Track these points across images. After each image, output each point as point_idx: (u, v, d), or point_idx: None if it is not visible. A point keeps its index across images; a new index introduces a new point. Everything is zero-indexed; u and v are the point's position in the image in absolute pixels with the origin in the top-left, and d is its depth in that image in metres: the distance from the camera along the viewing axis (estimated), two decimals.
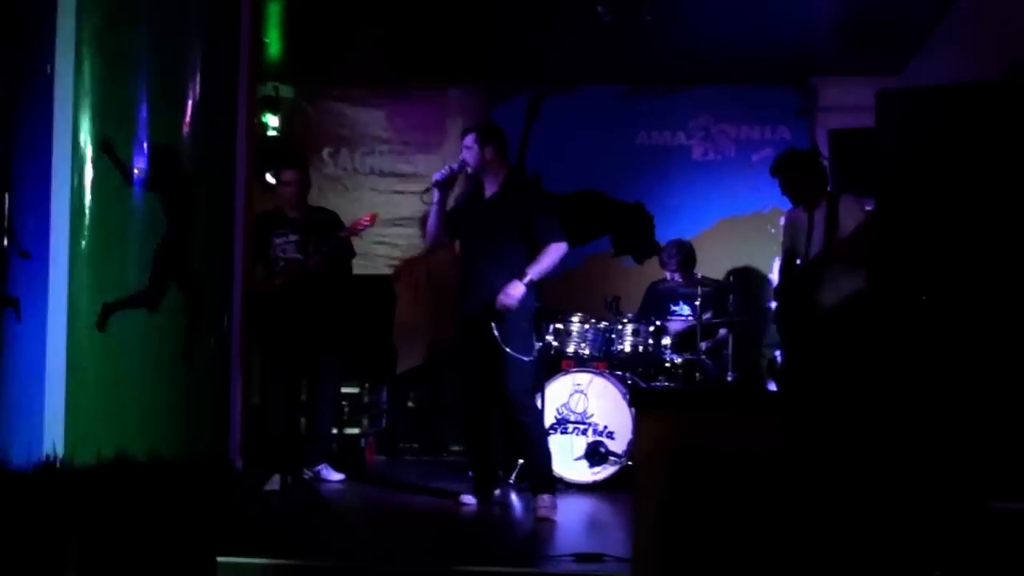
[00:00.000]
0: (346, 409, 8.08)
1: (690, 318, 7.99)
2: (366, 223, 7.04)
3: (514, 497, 6.70)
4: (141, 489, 4.27)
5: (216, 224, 4.62)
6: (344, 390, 7.82)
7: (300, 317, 6.92)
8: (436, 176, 6.23)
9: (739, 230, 9.20)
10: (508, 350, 5.95)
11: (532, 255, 6.07)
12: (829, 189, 6.92)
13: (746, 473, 3.73)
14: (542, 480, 6.09)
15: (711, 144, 9.37)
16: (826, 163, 7.61)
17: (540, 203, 6.20)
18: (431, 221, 6.37)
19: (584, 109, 9.20)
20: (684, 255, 8.31)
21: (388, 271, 9.33)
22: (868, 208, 6.46)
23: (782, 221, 7.83)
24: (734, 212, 9.28)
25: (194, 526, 4.36)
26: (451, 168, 6.21)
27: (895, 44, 8.10)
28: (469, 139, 6.20)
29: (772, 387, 8.63)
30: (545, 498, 5.99)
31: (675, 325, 7.99)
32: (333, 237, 7.00)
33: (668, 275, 8.37)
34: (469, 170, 6.25)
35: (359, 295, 7.74)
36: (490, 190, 6.22)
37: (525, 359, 6.02)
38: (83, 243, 4.39)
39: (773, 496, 3.72)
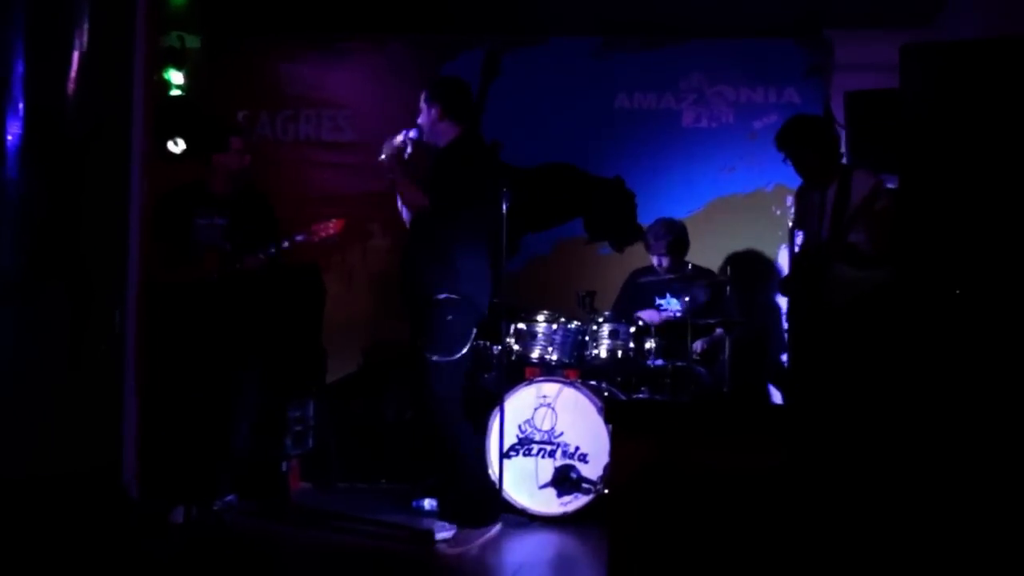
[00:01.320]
0: (265, 427, 8.02)
1: (678, 314, 8.01)
2: (331, 232, 7.03)
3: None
4: (10, 510, 4.23)
5: (108, 202, 4.58)
6: (263, 404, 7.76)
7: (214, 315, 6.88)
8: (390, 142, 6.20)
9: (738, 211, 9.22)
10: (419, 346, 6.03)
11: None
12: (845, 163, 6.94)
13: (743, 505, 3.74)
14: (467, 511, 6.11)
15: (704, 109, 9.38)
16: (841, 131, 7.64)
17: (455, 169, 6.20)
18: (408, 190, 6.29)
19: (552, 65, 9.20)
20: (675, 236, 8.32)
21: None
22: (890, 186, 6.49)
23: (789, 201, 7.87)
24: (732, 190, 9.32)
25: (72, 558, 4.33)
26: (406, 134, 6.19)
27: None
28: (421, 99, 6.22)
29: (777, 398, 8.67)
30: (468, 533, 6.03)
31: (657, 316, 8.01)
32: (284, 240, 6.98)
33: (655, 260, 8.39)
34: (422, 136, 6.23)
35: (282, 289, 7.69)
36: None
37: (436, 359, 6.06)
38: None
39: (775, 532, 3.73)
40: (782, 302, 8.80)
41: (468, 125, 6.31)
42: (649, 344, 7.65)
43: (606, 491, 6.80)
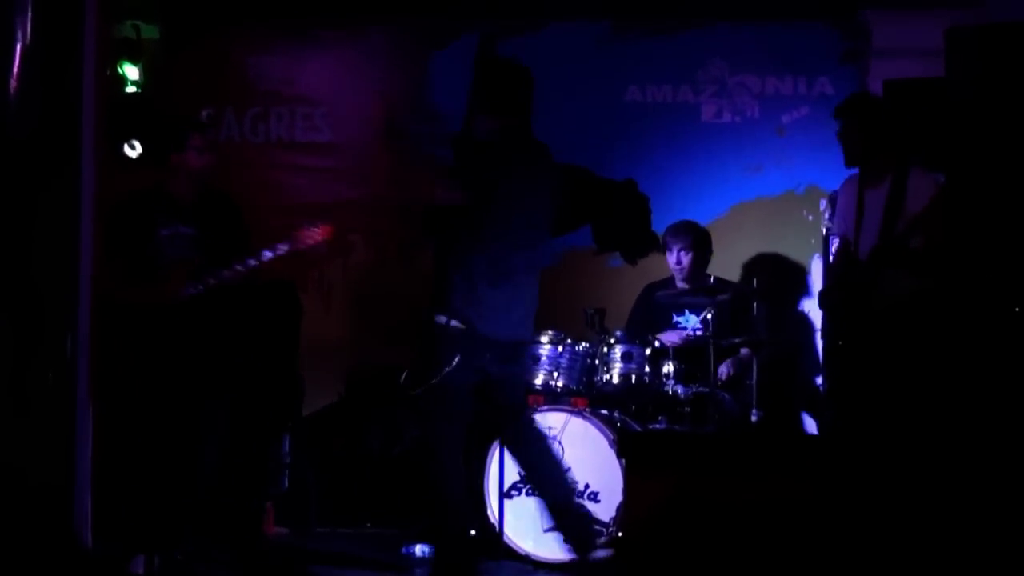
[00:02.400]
0: (236, 465, 8.01)
1: (699, 333, 8.02)
2: (318, 239, 6.97)
3: None
4: None
5: (56, 212, 4.59)
6: (233, 438, 7.75)
7: (179, 339, 6.86)
8: None
9: (765, 217, 9.22)
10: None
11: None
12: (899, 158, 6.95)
13: (772, 548, 3.75)
14: (450, 567, 6.14)
15: (727, 101, 9.39)
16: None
17: None
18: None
19: (554, 54, 9.17)
20: (697, 236, 8.36)
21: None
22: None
23: (823, 204, 7.89)
24: (758, 193, 9.33)
25: None
26: None
27: None
28: None
29: (811, 427, 8.68)
30: None
31: (678, 337, 8.04)
32: (265, 250, 6.91)
33: (672, 260, 8.40)
34: None
35: (253, 309, 7.67)
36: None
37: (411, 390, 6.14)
38: None
39: None
40: (816, 317, 8.80)
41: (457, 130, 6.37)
42: (667, 368, 7.66)
43: (620, 534, 6.78)
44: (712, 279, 8.13)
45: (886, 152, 6.83)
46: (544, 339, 7.46)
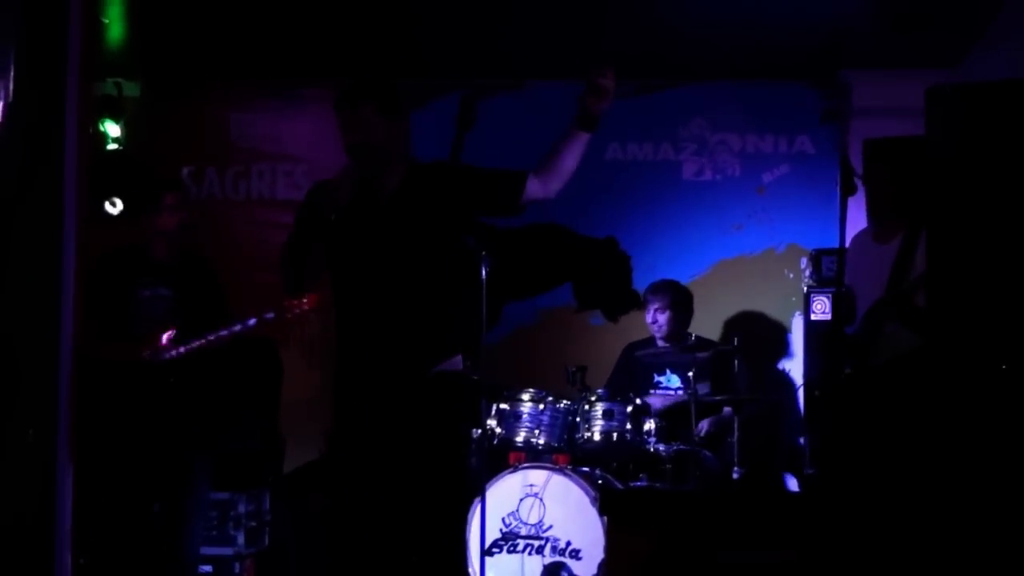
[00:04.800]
0: (215, 523, 7.97)
1: (680, 392, 8.04)
2: (305, 308, 6.95)
3: None
4: None
5: (35, 271, 4.57)
6: (213, 497, 7.71)
7: (159, 398, 6.82)
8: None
9: (746, 274, 9.25)
10: None
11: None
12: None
13: None
14: None
15: (707, 160, 9.42)
16: (860, 183, 7.66)
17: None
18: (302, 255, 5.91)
19: (534, 113, 9.20)
20: (676, 295, 8.39)
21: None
22: None
23: (804, 263, 7.91)
24: (739, 251, 9.37)
25: None
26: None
27: (953, 24, 8.16)
28: (363, 109, 5.95)
29: (793, 486, 8.66)
30: None
31: (660, 401, 8.02)
32: (251, 318, 6.85)
33: (650, 318, 8.41)
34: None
35: (233, 367, 7.64)
36: (391, 185, 5.98)
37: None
38: None
39: None
40: (797, 375, 8.80)
41: None
42: (648, 425, 7.63)
43: None
44: (693, 337, 8.12)
45: (911, 206, 6.77)
46: (525, 397, 7.48)
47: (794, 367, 8.97)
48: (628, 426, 7.53)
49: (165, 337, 6.84)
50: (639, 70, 9.17)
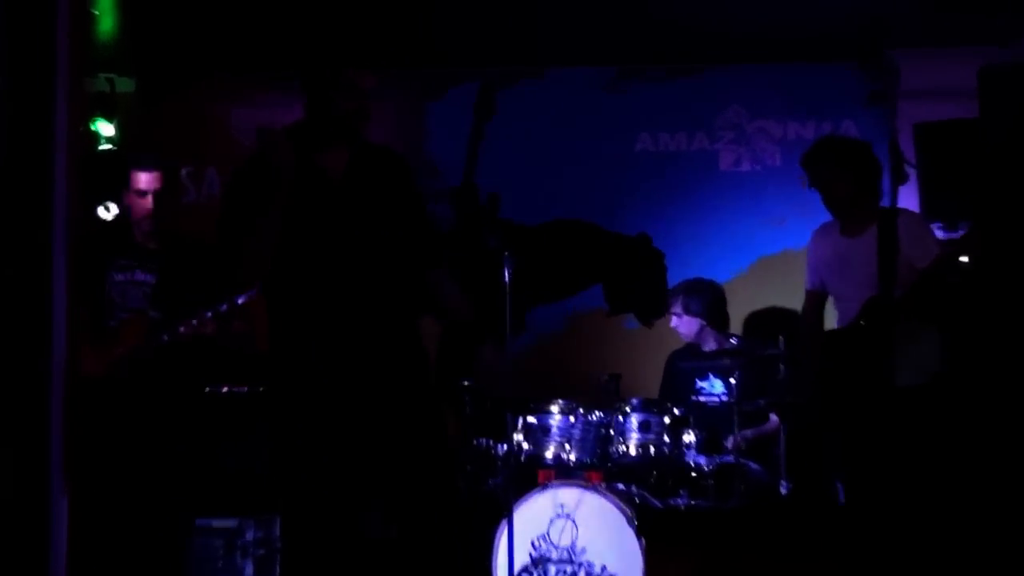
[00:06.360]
0: (220, 553, 7.93)
1: (724, 399, 8.03)
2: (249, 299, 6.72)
3: None
4: None
5: (23, 282, 4.55)
6: (217, 523, 7.67)
7: (146, 421, 6.58)
8: None
9: (789, 271, 9.12)
10: None
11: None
12: (884, 204, 6.97)
13: None
14: None
15: (746, 149, 9.43)
16: (911, 171, 7.64)
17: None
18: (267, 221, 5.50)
19: (559, 102, 9.23)
20: (710, 300, 8.40)
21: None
22: (946, 236, 6.50)
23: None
24: (781, 246, 9.36)
25: None
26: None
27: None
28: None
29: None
30: None
31: (701, 410, 8.03)
32: (239, 295, 6.41)
33: (675, 322, 8.45)
34: None
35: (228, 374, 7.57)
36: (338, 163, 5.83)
37: None
38: None
39: None
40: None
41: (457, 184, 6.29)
42: (687, 437, 7.58)
43: None
44: (735, 339, 8.08)
45: (870, 195, 6.90)
46: (554, 409, 7.44)
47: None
48: (666, 438, 7.48)
49: (135, 331, 6.57)
50: (669, 53, 9.17)
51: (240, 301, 6.25)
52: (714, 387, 8.25)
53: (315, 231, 5.32)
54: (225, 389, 7.07)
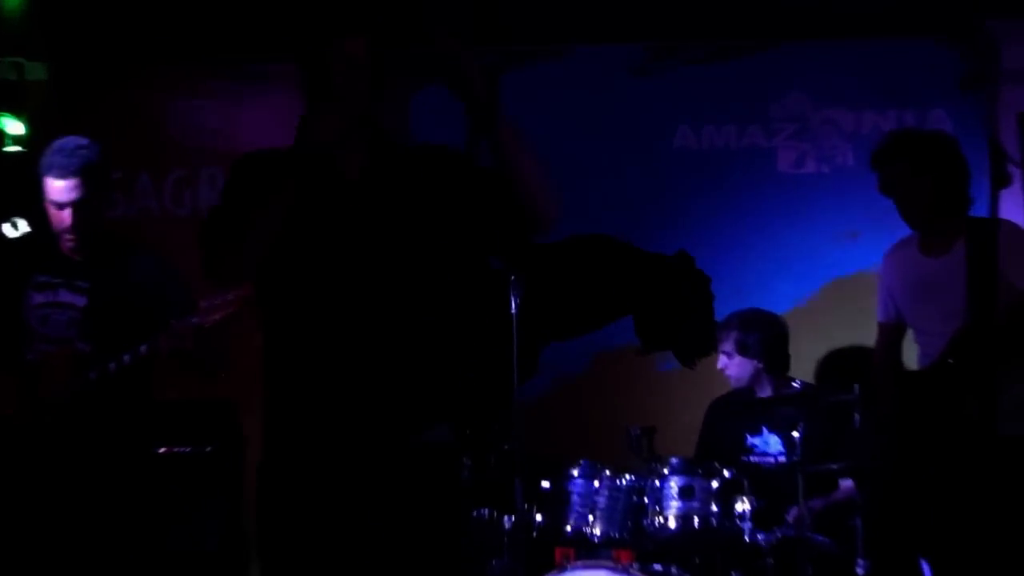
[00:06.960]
0: None
1: (782, 459, 7.93)
2: (232, 306, 6.41)
3: None
4: None
5: None
6: None
7: (78, 483, 6.48)
8: None
9: (864, 298, 8.99)
10: None
11: None
12: (979, 213, 6.96)
13: None
14: None
15: (810, 145, 9.47)
16: (1015, 170, 7.54)
17: None
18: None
19: (578, 88, 9.22)
20: (771, 337, 8.23)
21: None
22: None
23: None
24: (854, 266, 9.34)
25: None
26: None
27: None
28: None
29: None
30: None
31: (755, 473, 7.90)
32: (193, 316, 6.20)
33: (723, 362, 8.36)
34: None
35: (174, 438, 7.49)
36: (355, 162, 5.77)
37: None
38: None
39: None
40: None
41: None
42: (741, 506, 7.48)
43: None
44: (798, 384, 7.95)
45: (957, 203, 6.99)
46: (575, 471, 7.50)
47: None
48: (714, 507, 7.44)
49: (59, 367, 6.40)
50: (715, 28, 9.09)
51: (194, 321, 6.19)
52: (769, 444, 8.20)
53: (325, 239, 5.10)
54: (163, 449, 6.89)
